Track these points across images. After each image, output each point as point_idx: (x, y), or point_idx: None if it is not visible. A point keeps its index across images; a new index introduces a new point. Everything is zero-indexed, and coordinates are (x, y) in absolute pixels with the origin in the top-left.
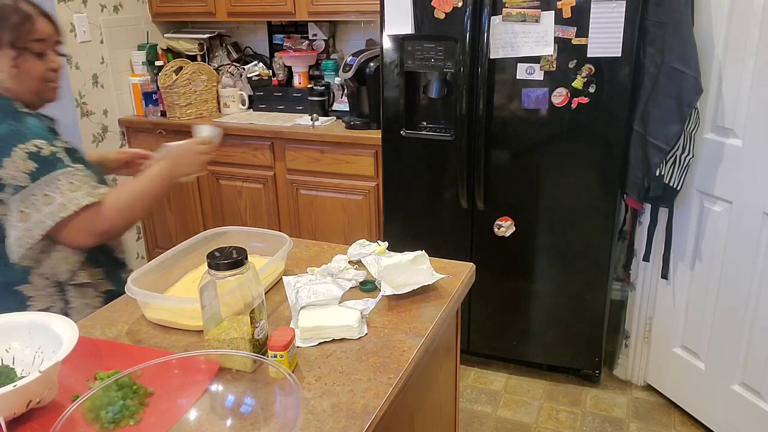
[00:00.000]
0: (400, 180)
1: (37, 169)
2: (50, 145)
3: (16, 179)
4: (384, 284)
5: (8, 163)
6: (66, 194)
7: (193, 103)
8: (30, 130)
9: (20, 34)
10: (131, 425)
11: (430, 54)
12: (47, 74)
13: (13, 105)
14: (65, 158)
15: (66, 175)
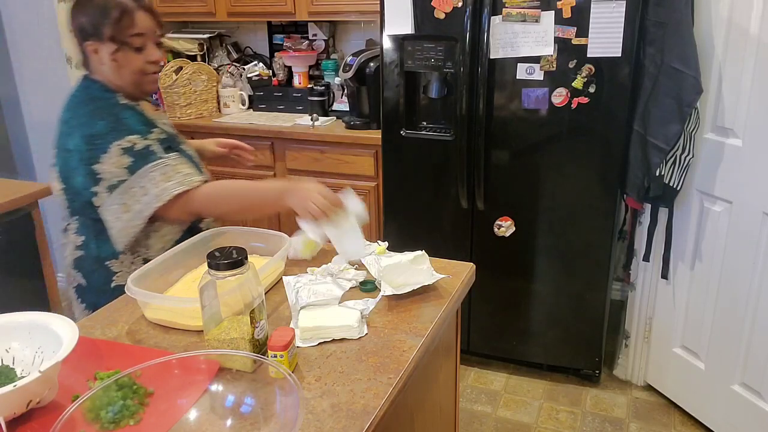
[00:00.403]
0: (400, 180)
1: (133, 162)
2: (143, 139)
3: (114, 174)
4: (384, 284)
5: (105, 159)
6: (159, 185)
7: (193, 103)
8: (125, 126)
9: (120, 29)
10: (131, 425)
11: (430, 54)
12: (146, 67)
13: (115, 98)
14: (158, 150)
15: (159, 166)
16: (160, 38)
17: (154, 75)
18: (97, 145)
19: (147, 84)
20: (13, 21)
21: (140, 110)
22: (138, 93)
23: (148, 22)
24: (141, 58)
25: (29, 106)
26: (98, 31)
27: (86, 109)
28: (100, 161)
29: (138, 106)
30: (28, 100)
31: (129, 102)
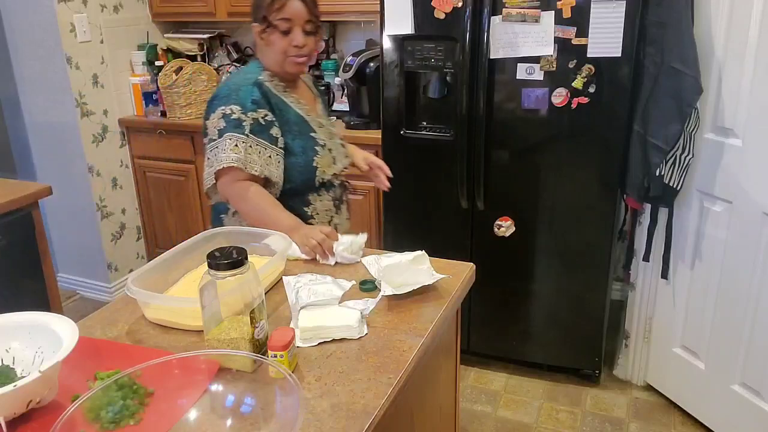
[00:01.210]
0: (400, 180)
1: (224, 127)
2: (242, 112)
3: (212, 132)
4: (384, 284)
5: (212, 117)
6: (226, 152)
7: (193, 103)
8: (237, 96)
9: (270, 11)
10: (131, 425)
11: (430, 54)
12: (289, 49)
13: (255, 75)
14: (248, 127)
15: (237, 138)
16: (310, 27)
17: (297, 59)
18: (212, 106)
19: (289, 66)
20: (13, 21)
21: (267, 89)
22: (282, 72)
23: (299, 10)
24: (286, 41)
25: (29, 106)
26: (257, 13)
27: (232, 78)
28: (209, 118)
29: (276, 86)
30: (28, 100)
31: (268, 80)
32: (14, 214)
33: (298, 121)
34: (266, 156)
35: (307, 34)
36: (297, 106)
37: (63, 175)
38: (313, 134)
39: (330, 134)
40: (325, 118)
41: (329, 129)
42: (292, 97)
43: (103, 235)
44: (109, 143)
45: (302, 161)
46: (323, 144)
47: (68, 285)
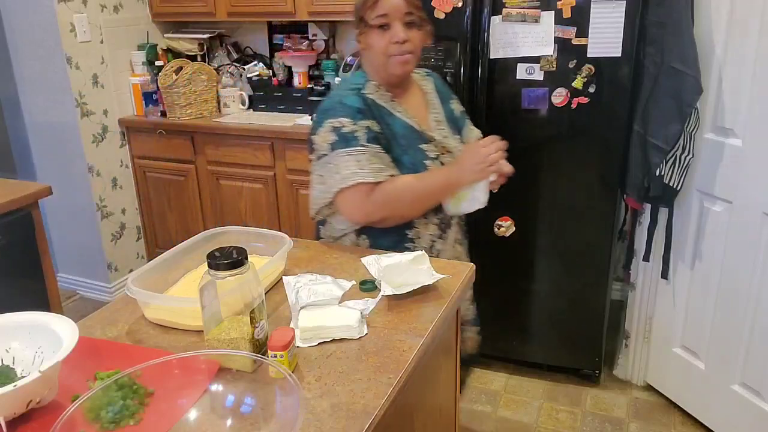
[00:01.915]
0: None
1: (336, 141)
2: (353, 124)
3: (321, 147)
4: (384, 284)
5: (320, 132)
6: (350, 169)
7: (193, 103)
8: (344, 107)
9: (365, 10)
10: (131, 425)
11: (430, 54)
12: (389, 48)
13: (359, 84)
14: (362, 137)
15: (356, 152)
16: (412, 19)
17: (399, 57)
18: (319, 120)
19: (393, 66)
20: (13, 21)
21: (370, 98)
22: (388, 78)
23: (395, 2)
24: (386, 38)
25: (29, 106)
26: (355, 17)
27: (335, 90)
28: (317, 133)
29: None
30: (28, 100)
31: (372, 90)
32: (14, 214)
33: (405, 133)
34: (385, 161)
35: (409, 27)
36: (405, 116)
37: (63, 175)
38: (423, 146)
39: (446, 148)
40: (445, 129)
41: (444, 142)
42: (399, 107)
43: (103, 235)
44: (109, 143)
45: (410, 166)
46: (435, 157)
47: (68, 285)
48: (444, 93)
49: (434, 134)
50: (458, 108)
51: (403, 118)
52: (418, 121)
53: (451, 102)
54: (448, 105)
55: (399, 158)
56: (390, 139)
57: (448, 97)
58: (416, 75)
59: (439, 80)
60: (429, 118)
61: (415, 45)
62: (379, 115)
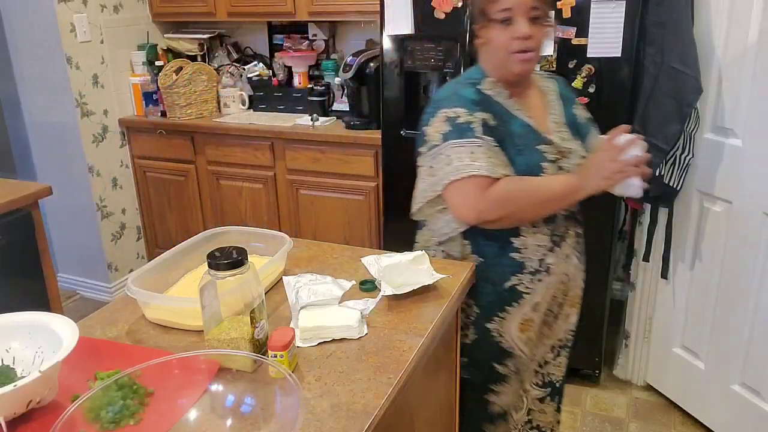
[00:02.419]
0: (400, 180)
1: (449, 132)
2: (468, 114)
3: (433, 138)
4: (384, 284)
5: (433, 122)
6: (464, 161)
7: (193, 103)
8: (459, 97)
9: (486, 4)
10: (131, 425)
11: (430, 54)
12: (510, 44)
13: (475, 78)
14: (478, 129)
15: (471, 143)
16: (537, 14)
17: (521, 54)
18: (432, 110)
19: (512, 64)
20: (13, 21)
21: (487, 93)
22: (508, 76)
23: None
24: (507, 33)
25: (29, 106)
26: (475, 12)
27: (449, 83)
28: (429, 124)
29: (499, 94)
30: (28, 100)
31: (489, 87)
32: (14, 214)
33: (522, 132)
34: (501, 156)
35: (533, 23)
36: (523, 115)
37: (63, 175)
38: (541, 147)
39: (564, 151)
40: (565, 131)
41: (563, 145)
42: (517, 106)
43: (103, 235)
44: (109, 143)
45: (524, 168)
46: (553, 160)
47: (68, 285)
48: (567, 97)
49: (553, 136)
50: (583, 114)
51: (521, 117)
52: (536, 121)
53: (575, 107)
54: (570, 109)
55: (513, 159)
56: (505, 137)
57: (571, 101)
58: (537, 75)
59: (563, 83)
60: (548, 119)
61: (538, 42)
62: (495, 112)
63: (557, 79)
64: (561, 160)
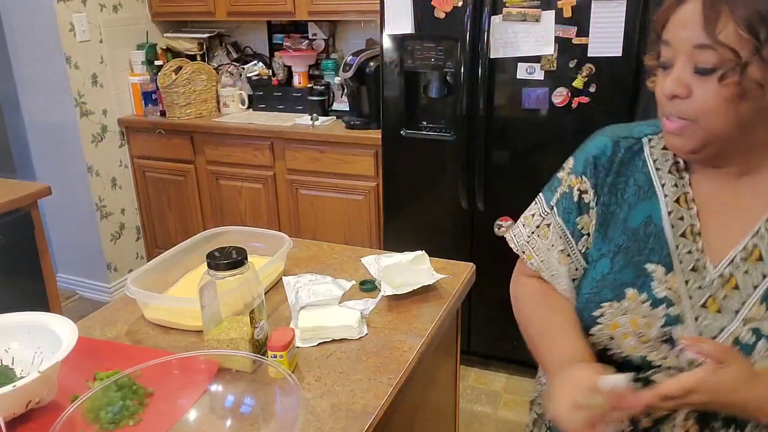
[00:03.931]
0: (400, 180)
1: (550, 182)
2: (568, 173)
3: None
4: (384, 284)
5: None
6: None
7: (193, 103)
8: (584, 147)
9: (658, 25)
10: (131, 426)
11: (430, 54)
12: (660, 99)
13: (647, 127)
14: (558, 195)
15: (540, 206)
16: (707, 61)
17: (667, 121)
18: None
19: (663, 123)
20: (12, 21)
21: (627, 156)
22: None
23: (686, 22)
24: (661, 79)
25: (29, 106)
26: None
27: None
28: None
29: (660, 158)
30: (27, 100)
31: (655, 144)
32: (13, 214)
33: (637, 226)
34: (557, 249)
35: (703, 74)
36: (672, 203)
37: (62, 175)
38: (653, 269)
39: (704, 319)
40: (751, 291)
41: (720, 300)
42: (679, 185)
43: (102, 235)
44: (109, 143)
45: (587, 294)
46: (663, 301)
47: (68, 285)
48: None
49: (711, 272)
50: None
51: (665, 204)
52: (691, 228)
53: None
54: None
55: (593, 255)
56: (605, 220)
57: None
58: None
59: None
60: (737, 244)
61: (699, 108)
62: (617, 183)
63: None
64: (686, 304)
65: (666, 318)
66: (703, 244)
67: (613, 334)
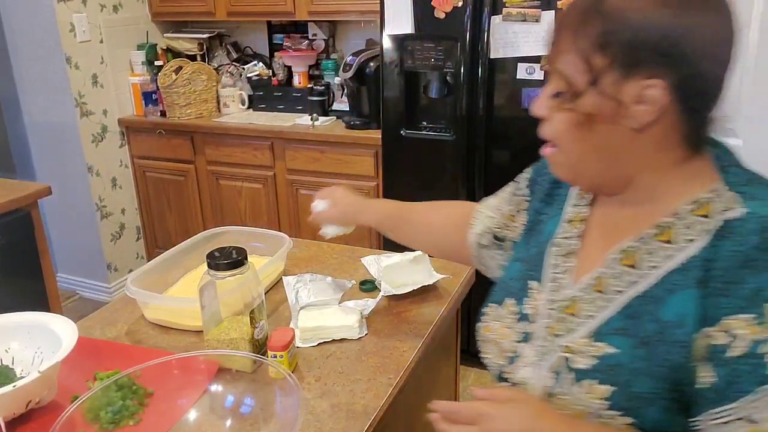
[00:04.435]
0: (400, 180)
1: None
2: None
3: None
4: (384, 284)
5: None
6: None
7: (193, 103)
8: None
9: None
10: (131, 425)
11: (430, 54)
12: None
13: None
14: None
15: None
16: (555, 86)
17: (545, 147)
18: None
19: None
20: (12, 21)
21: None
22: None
23: (550, 35)
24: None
25: (29, 106)
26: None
27: None
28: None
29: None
30: (27, 100)
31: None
32: (13, 214)
33: (543, 241)
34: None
35: (554, 96)
36: (568, 217)
37: (62, 175)
38: (532, 283)
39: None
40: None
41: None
42: (576, 206)
43: (102, 235)
44: (109, 143)
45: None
46: (526, 316)
47: (68, 285)
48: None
49: (567, 292)
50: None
51: (559, 223)
52: (570, 248)
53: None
54: (677, 298)
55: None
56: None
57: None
58: (687, 209)
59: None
60: (596, 265)
61: (553, 132)
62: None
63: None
64: (521, 344)
65: (522, 335)
66: (575, 265)
67: (484, 337)
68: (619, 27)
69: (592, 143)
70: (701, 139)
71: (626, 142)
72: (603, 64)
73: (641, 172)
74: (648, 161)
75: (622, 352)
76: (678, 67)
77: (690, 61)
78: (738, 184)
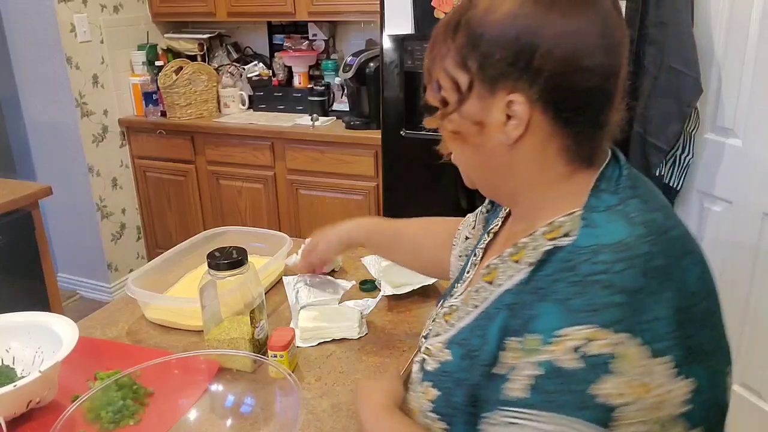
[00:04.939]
0: (400, 180)
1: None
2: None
3: None
4: (384, 284)
5: None
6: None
7: (193, 103)
8: None
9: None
10: (131, 425)
11: None
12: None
13: None
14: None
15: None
16: (431, 95)
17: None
18: None
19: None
20: (13, 21)
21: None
22: None
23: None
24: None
25: (29, 106)
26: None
27: None
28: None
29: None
30: (28, 100)
31: None
32: (14, 214)
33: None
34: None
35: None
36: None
37: (63, 175)
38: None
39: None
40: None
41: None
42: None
43: (103, 235)
44: (109, 143)
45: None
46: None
47: (68, 285)
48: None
49: (448, 300)
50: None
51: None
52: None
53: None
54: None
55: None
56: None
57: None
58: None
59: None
60: (468, 275)
61: (445, 143)
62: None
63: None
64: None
65: (426, 332)
66: (471, 276)
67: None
68: (477, 42)
69: (471, 157)
70: (591, 152)
71: (502, 157)
72: (466, 81)
73: (522, 187)
74: (528, 177)
75: (452, 362)
76: (537, 80)
77: (551, 73)
78: (595, 209)
